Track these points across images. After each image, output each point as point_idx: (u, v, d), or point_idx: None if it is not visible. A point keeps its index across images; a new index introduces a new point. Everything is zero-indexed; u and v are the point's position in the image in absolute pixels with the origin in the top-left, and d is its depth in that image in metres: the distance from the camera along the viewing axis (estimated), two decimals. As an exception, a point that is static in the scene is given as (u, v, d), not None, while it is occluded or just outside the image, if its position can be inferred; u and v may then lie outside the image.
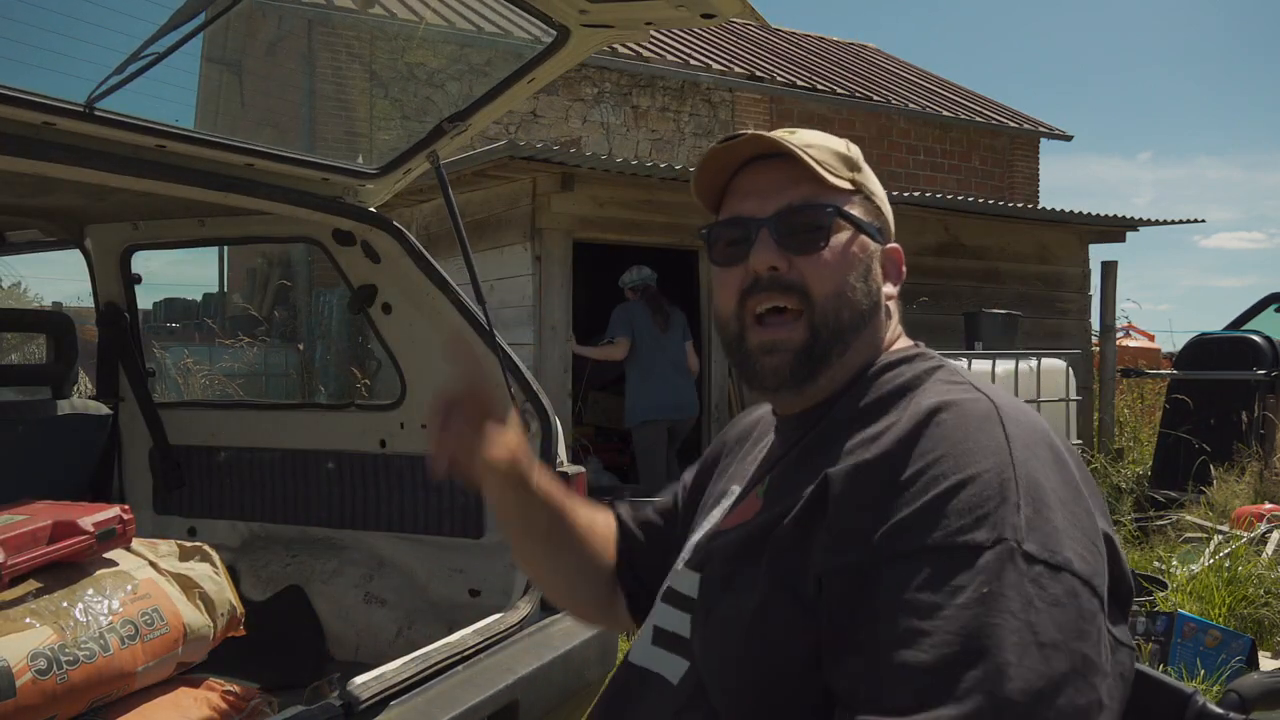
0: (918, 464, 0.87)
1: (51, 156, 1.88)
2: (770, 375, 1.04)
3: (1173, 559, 5.06)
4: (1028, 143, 13.66)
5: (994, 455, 0.87)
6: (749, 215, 1.06)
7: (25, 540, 1.74)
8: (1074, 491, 0.89)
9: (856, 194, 1.08)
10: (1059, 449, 0.93)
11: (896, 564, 0.83)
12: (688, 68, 11.21)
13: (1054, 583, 0.81)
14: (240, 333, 8.38)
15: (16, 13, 2.20)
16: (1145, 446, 8.13)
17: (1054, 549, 0.83)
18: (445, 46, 9.66)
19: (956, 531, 0.83)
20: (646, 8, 1.96)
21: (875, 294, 1.07)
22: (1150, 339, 12.00)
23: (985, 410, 0.91)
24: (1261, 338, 7.24)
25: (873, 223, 1.09)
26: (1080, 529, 0.86)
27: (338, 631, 2.76)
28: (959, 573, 0.81)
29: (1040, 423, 0.95)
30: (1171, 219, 8.98)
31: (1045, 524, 0.84)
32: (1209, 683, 3.55)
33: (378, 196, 2.68)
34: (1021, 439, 0.89)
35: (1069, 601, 0.81)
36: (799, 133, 1.10)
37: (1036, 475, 0.87)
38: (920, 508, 0.85)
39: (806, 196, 1.05)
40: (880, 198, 1.12)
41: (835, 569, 0.87)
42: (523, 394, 2.51)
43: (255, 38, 10.93)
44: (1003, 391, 0.98)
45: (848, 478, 0.90)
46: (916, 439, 0.89)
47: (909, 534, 0.84)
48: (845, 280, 1.04)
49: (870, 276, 1.06)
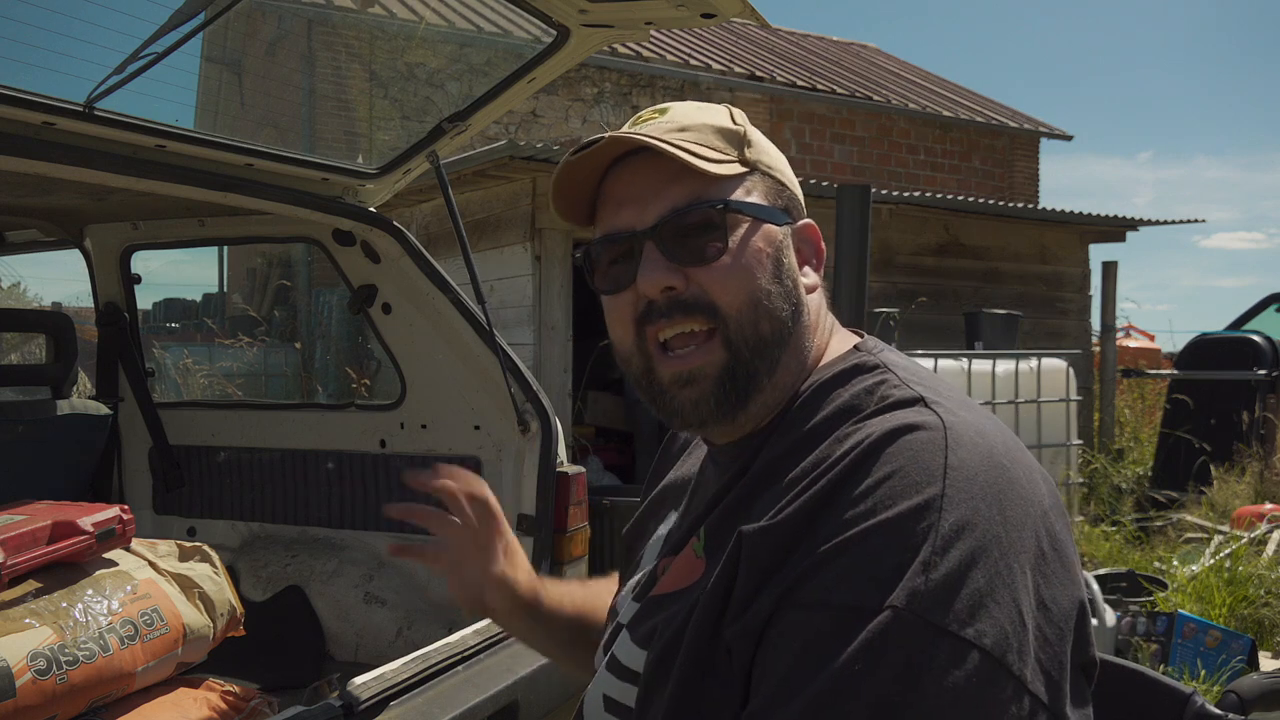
0: (837, 510, 0.76)
1: (51, 156, 1.88)
2: (692, 411, 0.90)
3: (1173, 559, 5.06)
4: (1028, 143, 13.65)
5: (921, 493, 0.74)
6: (625, 228, 0.91)
7: (25, 540, 1.74)
8: (1021, 541, 0.76)
9: (751, 174, 0.93)
10: (1019, 482, 0.79)
11: (789, 614, 0.75)
12: (688, 68, 11.21)
13: (948, 658, 0.70)
14: (240, 333, 8.38)
15: (16, 13, 2.20)
16: (1146, 447, 8.13)
17: (961, 618, 0.71)
18: (445, 46, 9.65)
19: (851, 588, 0.73)
20: (646, 8, 1.95)
21: (794, 291, 0.92)
22: (1150, 339, 12.01)
23: (929, 437, 0.78)
24: (1262, 338, 7.24)
25: (774, 205, 0.93)
26: (1009, 592, 0.73)
27: (338, 631, 2.76)
28: (840, 637, 0.71)
29: (1001, 448, 0.81)
30: (1171, 219, 8.99)
31: (958, 586, 0.71)
32: (1209, 683, 3.55)
33: (378, 196, 2.68)
34: (967, 471, 0.76)
35: (964, 682, 0.70)
36: (671, 110, 0.95)
37: (968, 521, 0.74)
38: (826, 553, 0.74)
39: (691, 194, 0.89)
40: (780, 170, 0.96)
41: (739, 632, 0.78)
42: (523, 394, 2.51)
43: (255, 38, 10.93)
44: (961, 403, 0.85)
45: (761, 536, 0.78)
46: (846, 482, 0.77)
47: (810, 583, 0.74)
48: (756, 285, 0.89)
49: (784, 271, 0.91)
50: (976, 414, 0.85)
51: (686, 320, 0.89)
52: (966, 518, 0.74)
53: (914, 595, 0.71)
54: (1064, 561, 0.80)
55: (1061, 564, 0.79)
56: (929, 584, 0.71)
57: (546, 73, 2.29)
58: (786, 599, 0.76)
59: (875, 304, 6.42)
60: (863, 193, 4.24)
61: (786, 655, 0.74)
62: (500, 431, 2.63)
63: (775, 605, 0.76)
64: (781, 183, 0.95)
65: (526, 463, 2.53)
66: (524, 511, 2.53)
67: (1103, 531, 6.02)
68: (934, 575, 0.71)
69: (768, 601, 0.77)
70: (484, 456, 2.68)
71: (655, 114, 0.95)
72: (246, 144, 2.31)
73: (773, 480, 0.84)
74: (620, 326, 0.93)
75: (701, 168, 0.88)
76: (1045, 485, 0.83)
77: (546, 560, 2.43)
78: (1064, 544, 0.81)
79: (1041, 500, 0.80)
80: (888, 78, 14.05)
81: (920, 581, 0.71)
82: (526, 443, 2.54)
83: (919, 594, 0.71)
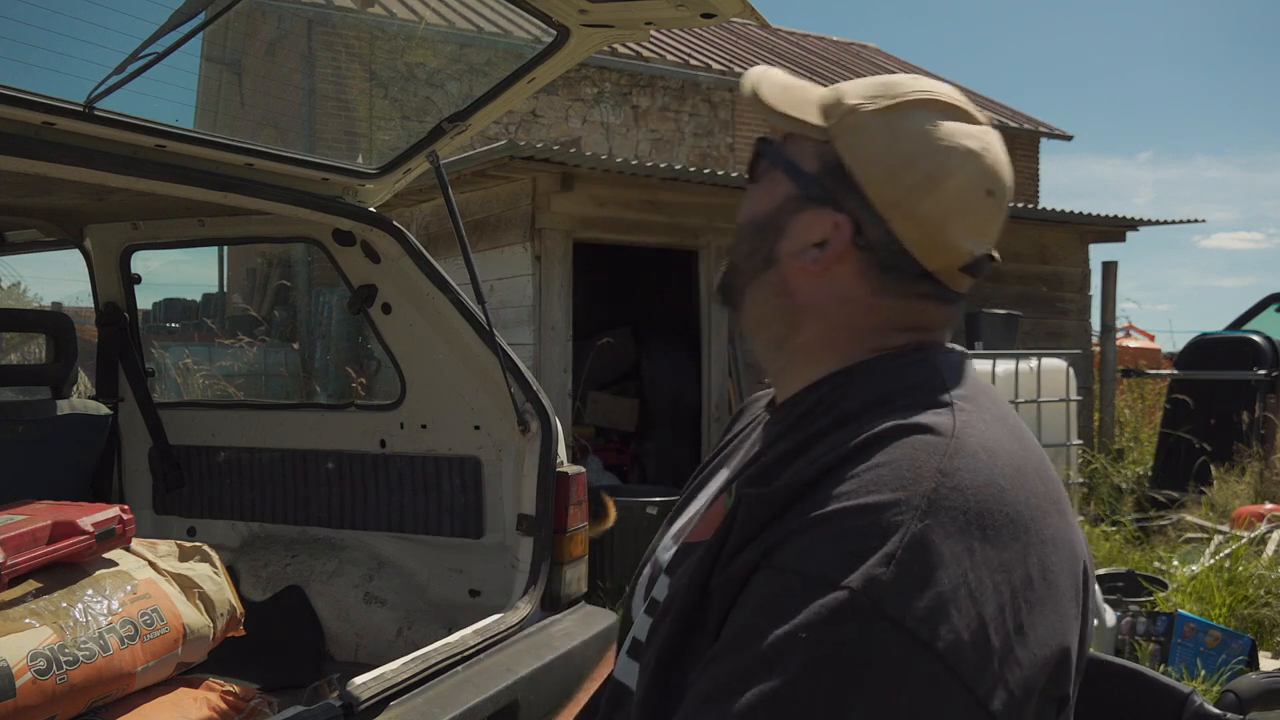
0: (828, 486, 0.79)
1: (51, 156, 1.88)
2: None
3: (1173, 559, 5.06)
4: (1028, 143, 13.66)
5: (904, 490, 0.76)
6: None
7: (25, 540, 1.74)
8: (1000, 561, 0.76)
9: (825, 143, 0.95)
10: (1012, 505, 0.79)
11: (763, 572, 0.78)
12: (688, 68, 11.21)
13: (896, 650, 0.71)
14: (240, 333, 8.38)
15: (16, 13, 2.20)
16: (1146, 446, 8.14)
17: (918, 616, 0.71)
18: (445, 46, 9.66)
19: (817, 559, 0.75)
20: (646, 8, 1.96)
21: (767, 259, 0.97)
22: (1150, 339, 12.01)
23: (933, 440, 0.80)
24: (1262, 338, 7.25)
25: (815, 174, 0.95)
26: (975, 603, 0.73)
27: (337, 631, 2.76)
28: (797, 602, 0.73)
29: (1009, 471, 0.81)
30: (1171, 219, 8.98)
31: (921, 585, 0.72)
32: (1209, 683, 3.55)
33: (378, 196, 2.68)
34: (955, 481, 0.77)
35: (907, 678, 0.71)
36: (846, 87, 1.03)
37: (941, 527, 0.75)
38: (805, 523, 0.78)
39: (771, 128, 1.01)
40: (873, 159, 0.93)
41: (721, 582, 0.82)
42: (523, 394, 2.52)
43: (255, 38, 10.93)
44: (991, 417, 0.86)
45: (759, 499, 0.82)
46: (845, 463, 0.80)
47: (786, 547, 0.78)
48: (742, 227, 1.00)
49: (767, 235, 0.97)
50: (1000, 430, 0.85)
51: None
52: (941, 524, 0.75)
53: (872, 581, 0.72)
54: (1053, 593, 0.79)
55: (1051, 595, 0.79)
56: (890, 575, 0.72)
57: (546, 73, 2.29)
58: (764, 560, 0.79)
59: (875, 304, 6.41)
60: (863, 193, 4.23)
61: (748, 608, 0.78)
62: (500, 431, 2.63)
63: (756, 564, 0.80)
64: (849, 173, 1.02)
65: (526, 463, 2.53)
66: (524, 511, 2.53)
67: (1103, 531, 6.02)
68: (896, 569, 0.72)
69: (751, 558, 0.80)
70: (484, 456, 2.68)
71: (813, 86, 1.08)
72: (246, 144, 2.31)
73: (795, 452, 0.87)
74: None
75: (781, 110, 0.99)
76: (1057, 519, 0.83)
77: (546, 560, 2.43)
78: (1057, 577, 0.80)
79: (1040, 531, 0.80)
80: (888, 78, 14.03)
81: (881, 571, 0.72)
82: (526, 443, 2.54)
83: (878, 581, 0.72)
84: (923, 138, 0.93)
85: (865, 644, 0.71)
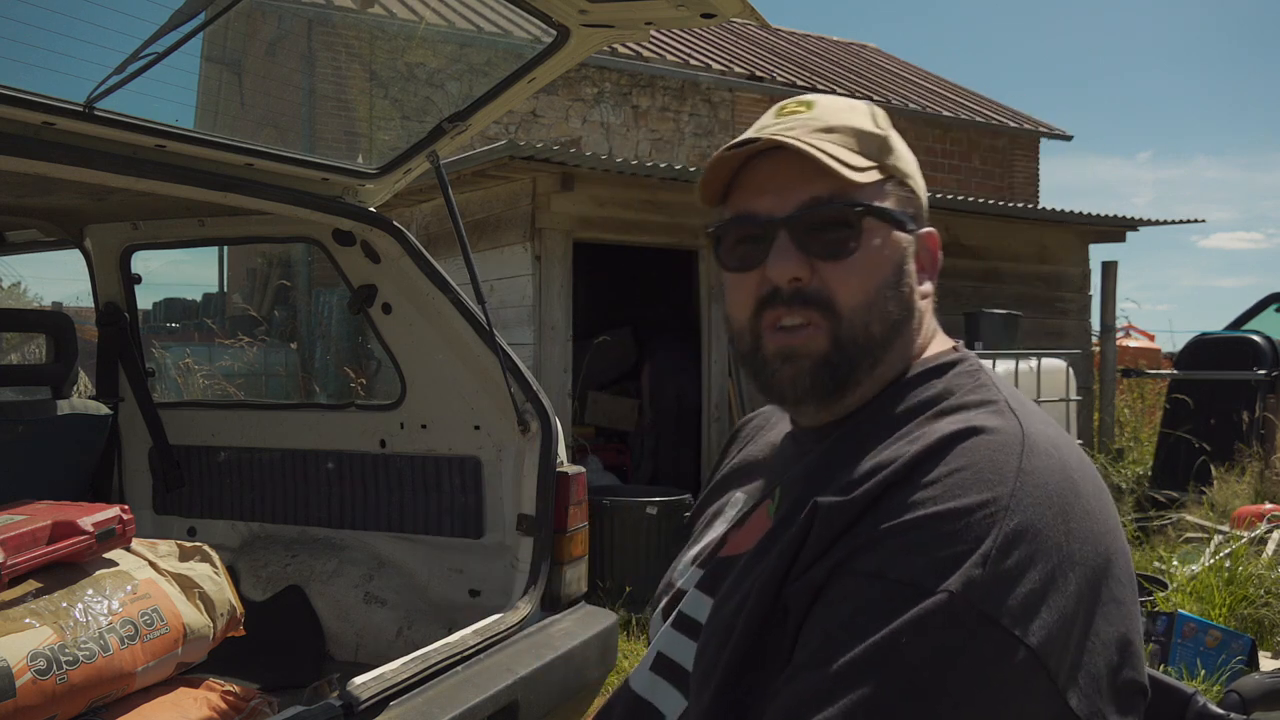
0: (906, 492, 0.79)
1: (51, 156, 1.88)
2: (789, 386, 0.93)
3: (1173, 559, 5.06)
4: (1028, 143, 13.65)
5: (991, 490, 0.77)
6: (765, 213, 0.93)
7: (25, 540, 1.74)
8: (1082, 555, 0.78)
9: (889, 180, 0.95)
10: (1087, 498, 0.81)
11: (845, 579, 0.78)
12: (688, 68, 11.21)
13: (993, 648, 0.73)
14: (240, 333, 8.37)
15: (16, 13, 2.20)
16: (1145, 446, 8.14)
17: (1013, 613, 0.74)
18: (445, 46, 9.65)
19: (909, 566, 0.75)
20: (646, 8, 1.95)
21: (909, 298, 0.95)
22: (1150, 339, 12.00)
23: (1006, 440, 0.81)
24: (1261, 338, 7.24)
25: (905, 211, 0.95)
26: (1062, 599, 0.76)
27: (338, 631, 2.76)
28: (891, 609, 0.74)
29: (1075, 464, 0.83)
30: (1171, 219, 8.98)
31: (1014, 583, 0.74)
32: (1209, 683, 3.55)
33: (378, 196, 2.68)
34: (1037, 479, 0.79)
35: (1003, 674, 0.73)
36: (817, 106, 0.97)
37: (1031, 525, 0.76)
38: (889, 529, 0.78)
39: (832, 190, 0.91)
40: (913, 176, 0.98)
41: (797, 590, 0.81)
42: (523, 394, 2.51)
43: (255, 38, 10.93)
44: (1041, 416, 0.88)
45: (834, 508, 0.82)
46: (919, 468, 0.80)
47: (870, 554, 0.78)
48: (877, 289, 0.92)
49: (904, 279, 0.94)
50: (1053, 427, 0.87)
51: (805, 311, 0.92)
52: (1031, 521, 0.77)
53: (970, 583, 0.74)
54: (1119, 583, 0.82)
55: (1117, 585, 0.81)
56: (986, 576, 0.74)
57: (546, 73, 2.29)
58: (845, 566, 0.79)
59: (875, 304, 6.41)
60: (863, 193, 4.23)
61: (836, 617, 0.77)
62: (500, 431, 2.63)
63: (833, 570, 0.80)
64: (913, 190, 0.98)
65: (526, 463, 2.53)
66: (524, 511, 2.53)
67: (1103, 531, 6.01)
68: (991, 569, 0.74)
69: (827, 566, 0.80)
70: (484, 456, 2.68)
71: (801, 107, 0.97)
72: (246, 144, 2.31)
73: (853, 456, 0.87)
74: (741, 305, 0.96)
75: (846, 175, 0.90)
76: (1113, 507, 0.86)
77: (546, 560, 2.43)
78: (1120, 568, 0.83)
79: (1107, 520, 0.83)
80: (888, 78, 14.05)
81: (978, 572, 0.74)
82: (526, 443, 2.54)
83: (975, 583, 0.74)
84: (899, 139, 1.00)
85: (964, 645, 0.73)
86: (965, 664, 0.73)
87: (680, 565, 1.07)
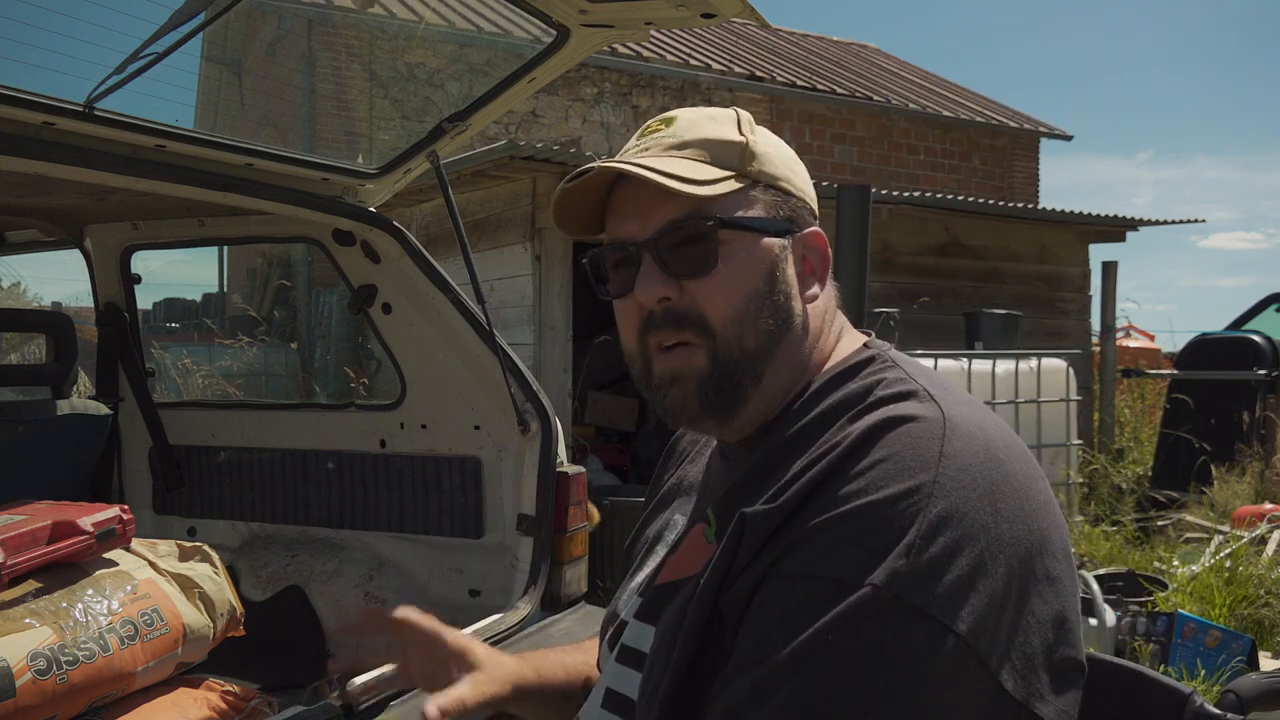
0: (831, 489, 0.79)
1: (51, 156, 1.88)
2: (679, 408, 0.94)
3: (1173, 559, 5.06)
4: (1028, 143, 13.65)
5: (914, 478, 0.77)
6: (629, 238, 0.93)
7: (25, 540, 1.74)
8: (1011, 535, 0.78)
9: (753, 186, 0.94)
10: (1014, 477, 0.81)
11: (775, 581, 0.79)
12: (688, 68, 11.21)
13: (922, 638, 0.73)
14: (240, 333, 8.37)
15: (16, 13, 2.20)
16: (1146, 446, 8.13)
17: (940, 602, 0.74)
18: (445, 46, 9.65)
19: (835, 562, 0.76)
20: (646, 8, 1.95)
21: (786, 306, 0.93)
22: (1150, 339, 12.00)
23: (927, 427, 0.81)
24: (1262, 338, 7.24)
25: (773, 216, 0.94)
26: (991, 582, 0.76)
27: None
28: (818, 607, 0.75)
29: (1000, 444, 0.83)
30: (1171, 219, 8.99)
31: (941, 571, 0.74)
32: (1209, 683, 3.55)
33: (378, 196, 2.68)
34: (960, 462, 0.78)
35: (934, 663, 0.74)
36: (676, 122, 0.97)
37: (956, 510, 0.76)
38: (814, 528, 0.78)
39: (689, 208, 0.91)
40: (787, 179, 0.97)
41: (729, 598, 0.82)
42: (523, 394, 2.51)
43: (255, 38, 10.93)
44: (964, 399, 0.87)
45: (761, 517, 0.82)
46: (842, 465, 0.80)
47: (797, 554, 0.78)
48: (746, 300, 0.91)
49: (778, 286, 0.93)
50: (978, 410, 0.87)
51: (679, 333, 0.92)
52: (956, 506, 0.76)
53: (894, 575, 0.74)
54: (1053, 561, 0.82)
55: (1050, 563, 0.81)
56: (911, 565, 0.74)
57: (546, 73, 2.29)
58: (775, 568, 0.79)
59: (875, 304, 6.41)
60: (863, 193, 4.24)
61: (768, 619, 0.78)
62: (500, 431, 2.63)
63: (764, 574, 0.80)
64: (787, 192, 0.96)
65: (526, 463, 2.53)
66: (524, 511, 2.53)
67: (1103, 531, 6.02)
68: (916, 558, 0.74)
69: (757, 571, 0.80)
70: (484, 456, 2.68)
71: (661, 125, 0.98)
72: (246, 144, 2.31)
73: (777, 465, 0.87)
74: (628, 331, 0.97)
75: (690, 192, 0.89)
76: (1043, 483, 0.85)
77: (546, 560, 2.43)
78: (1054, 544, 0.82)
79: (1037, 497, 0.82)
80: (888, 78, 14.05)
81: (902, 563, 0.74)
82: (526, 443, 2.54)
83: (900, 574, 0.74)
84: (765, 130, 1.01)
85: (891, 638, 0.73)
86: (895, 656, 0.73)
87: (624, 595, 1.07)
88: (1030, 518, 0.80)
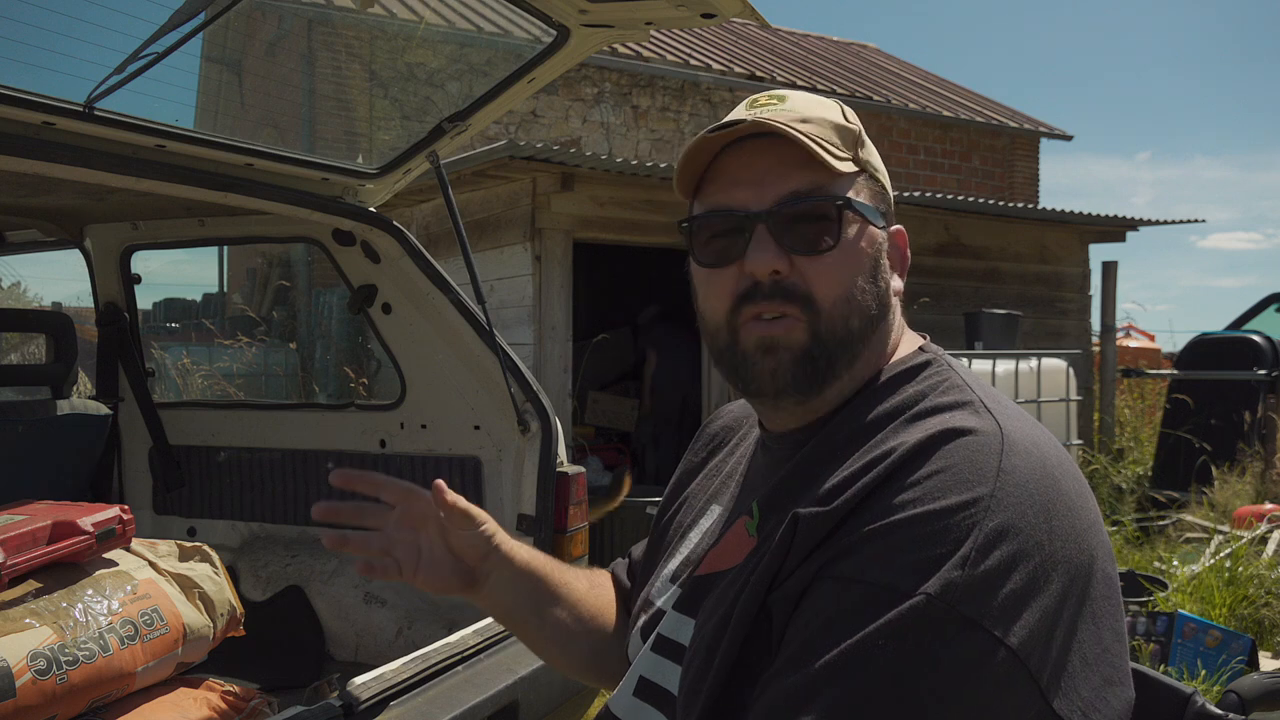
0: (886, 496, 0.79)
1: (51, 156, 1.88)
2: (769, 378, 0.91)
3: (1173, 559, 5.06)
4: (1028, 143, 13.65)
5: (971, 491, 0.77)
6: (741, 207, 0.91)
7: (25, 540, 1.74)
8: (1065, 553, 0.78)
9: (861, 174, 0.94)
10: (1069, 496, 0.81)
11: (825, 584, 0.78)
12: (688, 68, 11.21)
13: (974, 650, 0.73)
14: (239, 333, 8.37)
15: (16, 13, 2.20)
16: (1146, 447, 8.13)
17: (994, 615, 0.73)
18: (445, 46, 9.65)
19: (888, 569, 0.75)
20: (646, 8, 1.95)
21: (885, 293, 0.94)
22: (1151, 339, 12.00)
23: (985, 440, 0.80)
24: (1262, 338, 7.24)
25: (878, 207, 0.95)
26: (1044, 599, 0.75)
27: (338, 631, 2.76)
28: (869, 612, 0.74)
29: (1054, 462, 0.83)
30: (1171, 219, 8.98)
31: (996, 585, 0.74)
32: (1209, 683, 3.55)
33: (378, 196, 2.68)
34: (1018, 478, 0.78)
35: (984, 676, 0.73)
36: (790, 99, 0.95)
37: (1012, 525, 0.76)
38: (869, 534, 0.77)
39: (811, 184, 0.90)
40: (883, 173, 0.98)
41: (778, 598, 0.82)
42: (523, 394, 2.51)
43: (255, 38, 10.92)
44: (1018, 414, 0.87)
45: (815, 519, 0.81)
46: (898, 473, 0.80)
47: (850, 559, 0.78)
48: (854, 283, 0.91)
49: (880, 274, 0.94)
50: (1032, 426, 0.87)
51: (784, 306, 0.90)
52: (1012, 521, 0.76)
53: (949, 586, 0.73)
54: (1101, 578, 0.82)
55: (1099, 580, 0.81)
56: (965, 577, 0.73)
57: (546, 73, 2.29)
58: (825, 571, 0.79)
59: (875, 304, 6.40)
60: (863, 193, 4.22)
61: (815, 622, 0.77)
62: (500, 431, 2.63)
63: (814, 577, 0.79)
64: (883, 186, 0.97)
65: (526, 463, 2.53)
66: (524, 511, 2.53)
67: (1103, 531, 6.01)
68: (971, 570, 0.74)
69: (808, 573, 0.80)
70: (484, 456, 2.68)
71: (773, 100, 0.95)
72: (246, 144, 2.30)
73: (830, 464, 0.86)
74: (717, 300, 0.94)
75: (829, 162, 0.89)
76: (1093, 503, 0.85)
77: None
78: (1103, 562, 0.82)
79: (1088, 516, 0.83)
80: (888, 78, 14.04)
81: (957, 574, 0.73)
82: (526, 443, 2.54)
83: (954, 585, 0.73)
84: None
85: (943, 647, 0.73)
86: (945, 665, 0.73)
87: (658, 583, 1.06)
88: (1081, 537, 0.80)
